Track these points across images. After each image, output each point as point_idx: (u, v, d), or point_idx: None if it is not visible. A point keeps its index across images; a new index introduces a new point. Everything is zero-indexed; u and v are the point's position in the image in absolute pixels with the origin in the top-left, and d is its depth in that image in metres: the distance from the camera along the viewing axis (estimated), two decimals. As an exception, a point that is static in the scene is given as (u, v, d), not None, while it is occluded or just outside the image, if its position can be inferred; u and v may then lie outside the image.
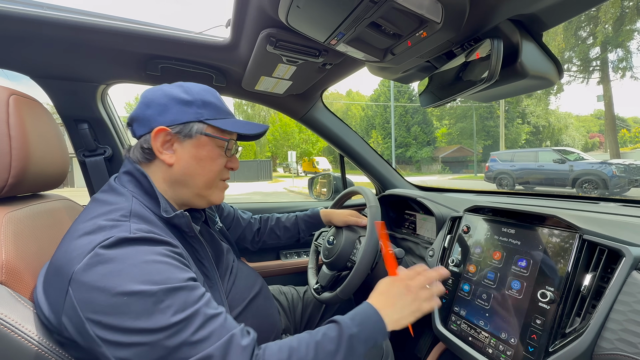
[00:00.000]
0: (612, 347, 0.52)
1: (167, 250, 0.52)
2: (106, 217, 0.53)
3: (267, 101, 1.29)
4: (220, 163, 0.67)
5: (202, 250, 0.66)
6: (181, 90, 0.64)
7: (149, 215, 0.57)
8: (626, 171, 8.48)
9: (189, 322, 0.46)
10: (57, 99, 1.06)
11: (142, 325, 0.44)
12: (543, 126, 26.84)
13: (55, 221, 0.71)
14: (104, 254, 0.46)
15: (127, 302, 0.44)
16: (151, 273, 0.47)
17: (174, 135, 0.62)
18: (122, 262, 0.46)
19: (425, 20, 0.57)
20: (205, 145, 0.64)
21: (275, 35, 0.76)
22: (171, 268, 0.49)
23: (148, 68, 0.98)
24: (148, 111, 0.62)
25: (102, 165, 1.15)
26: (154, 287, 0.45)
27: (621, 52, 15.02)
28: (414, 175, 25.73)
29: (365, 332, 0.55)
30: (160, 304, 0.45)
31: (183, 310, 0.46)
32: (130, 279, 0.45)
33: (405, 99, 29.96)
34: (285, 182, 19.03)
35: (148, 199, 0.61)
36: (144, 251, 0.49)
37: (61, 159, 0.75)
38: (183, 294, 0.48)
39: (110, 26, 0.82)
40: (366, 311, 0.59)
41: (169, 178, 0.64)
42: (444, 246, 0.93)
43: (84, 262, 0.46)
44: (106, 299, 0.44)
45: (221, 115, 0.66)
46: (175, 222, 0.60)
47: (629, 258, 0.55)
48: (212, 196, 0.69)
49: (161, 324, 0.44)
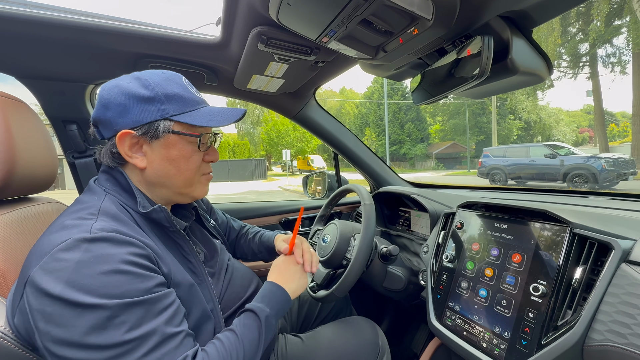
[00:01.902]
0: (603, 339, 0.53)
1: (130, 255, 0.48)
2: (73, 215, 0.52)
3: (259, 100, 1.28)
4: (196, 160, 0.63)
5: (187, 246, 0.64)
6: (139, 85, 0.57)
7: (118, 213, 0.55)
8: (615, 165, 8.65)
9: (142, 340, 0.44)
10: (44, 99, 1.04)
11: (93, 341, 0.42)
12: (534, 122, 27.19)
13: (44, 225, 0.69)
14: (60, 259, 0.44)
15: (80, 314, 0.42)
16: (107, 286, 0.44)
17: (141, 137, 0.57)
18: (77, 271, 0.43)
19: (416, 17, 0.57)
20: (175, 144, 0.59)
21: (266, 33, 0.75)
22: (131, 279, 0.46)
23: (138, 67, 0.96)
24: (108, 113, 0.57)
25: (93, 167, 1.13)
26: (110, 301, 0.43)
27: (610, 48, 15.28)
28: (408, 171, 25.87)
29: (275, 307, 0.65)
30: (114, 319, 0.43)
31: (138, 327, 0.44)
32: (85, 291, 0.43)
33: (399, 96, 30.04)
34: (280, 181, 18.99)
35: (126, 195, 0.59)
36: (103, 258, 0.45)
37: (49, 161, 0.74)
38: (141, 309, 0.46)
39: (98, 25, 0.80)
40: (271, 289, 0.68)
41: (144, 180, 0.61)
42: (438, 242, 0.94)
43: (40, 264, 0.44)
44: (58, 308, 0.42)
45: (189, 107, 0.60)
46: (153, 217, 0.59)
47: (618, 251, 0.56)
48: (194, 192, 0.66)
49: (113, 341, 0.42)
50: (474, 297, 0.76)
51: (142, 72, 0.60)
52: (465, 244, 0.85)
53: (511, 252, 0.73)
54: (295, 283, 0.73)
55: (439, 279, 0.87)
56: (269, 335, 0.61)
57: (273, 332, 0.63)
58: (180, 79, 0.62)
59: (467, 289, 0.79)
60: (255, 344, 0.58)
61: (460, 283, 0.81)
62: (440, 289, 0.85)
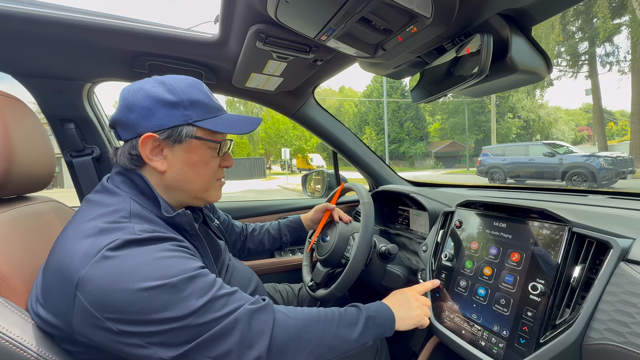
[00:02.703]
0: (601, 337, 0.53)
1: (175, 245, 0.52)
2: (105, 219, 0.51)
3: (258, 98, 1.28)
4: (214, 165, 0.65)
5: (202, 249, 0.66)
6: (165, 90, 0.58)
7: (148, 215, 0.56)
8: (613, 163, 8.67)
9: (212, 302, 0.49)
10: (41, 98, 1.04)
11: (171, 315, 0.45)
12: (533, 120, 27.20)
13: (43, 224, 0.69)
14: (112, 256, 0.46)
15: (149, 297, 0.45)
16: (166, 268, 0.47)
17: (163, 141, 0.58)
18: (133, 261, 0.46)
19: (415, 15, 0.56)
20: (197, 149, 0.61)
21: (265, 31, 0.75)
22: (183, 260, 0.51)
23: (135, 65, 0.96)
24: (131, 115, 0.57)
25: (91, 166, 1.13)
26: (173, 279, 0.47)
27: (609, 47, 15.29)
28: (407, 170, 25.88)
29: (379, 318, 0.65)
30: (182, 293, 0.47)
31: (205, 294, 0.49)
32: (146, 277, 0.46)
33: (398, 95, 29.99)
34: (279, 180, 18.98)
35: (145, 199, 0.59)
36: (152, 250, 0.49)
37: (47, 160, 0.73)
38: (200, 280, 0.50)
39: (95, 23, 0.80)
40: (380, 305, 0.69)
41: (162, 184, 0.62)
42: (437, 241, 0.94)
43: (91, 265, 0.45)
44: (125, 297, 0.44)
45: (211, 113, 0.62)
46: (177, 222, 0.60)
47: (617, 250, 0.56)
48: (209, 197, 0.68)
49: (188, 310, 0.46)
50: (473, 296, 0.76)
51: (165, 77, 0.61)
52: (464, 243, 0.85)
53: (510, 251, 0.73)
54: (404, 309, 0.72)
55: (437, 277, 0.87)
56: (365, 336, 0.61)
57: (371, 336, 0.63)
58: (201, 85, 0.63)
59: (466, 288, 0.79)
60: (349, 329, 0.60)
61: (459, 282, 0.81)
62: (439, 287, 0.85)
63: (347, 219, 1.00)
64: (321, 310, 0.61)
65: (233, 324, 0.49)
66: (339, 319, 0.60)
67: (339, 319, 0.60)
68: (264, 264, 1.41)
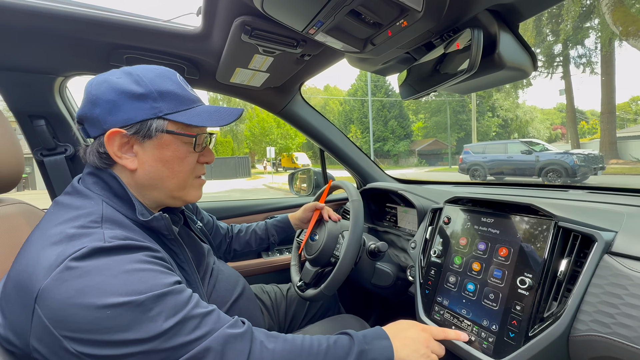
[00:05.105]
0: (587, 329, 0.54)
1: (148, 256, 0.47)
2: (73, 223, 0.47)
3: (243, 95, 1.24)
4: (191, 161, 0.60)
5: (182, 254, 0.61)
6: (131, 81, 0.54)
7: (123, 220, 0.52)
8: (585, 160, 9.14)
9: (183, 324, 0.44)
10: (7, 92, 0.96)
11: (134, 337, 0.41)
12: (511, 119, 28.20)
13: (10, 227, 0.64)
14: (76, 267, 0.41)
15: (112, 315, 0.40)
16: (134, 283, 0.43)
17: (132, 137, 0.54)
18: (99, 274, 0.42)
19: (406, 9, 0.56)
20: (169, 145, 0.56)
21: (251, 23, 0.72)
22: (155, 274, 0.46)
23: (112, 59, 0.91)
24: (96, 110, 0.53)
25: (64, 165, 1.06)
26: (140, 296, 0.42)
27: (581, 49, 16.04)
28: (392, 168, 26.24)
29: (374, 352, 0.54)
30: (149, 312, 0.42)
31: (175, 314, 0.44)
32: (111, 292, 0.41)
33: (382, 94, 30.33)
34: (264, 179, 18.80)
35: (119, 202, 0.55)
36: (122, 260, 0.44)
37: (14, 159, 0.68)
38: (172, 298, 0.45)
39: (68, 12, 0.74)
40: (378, 334, 0.58)
41: (134, 183, 0.57)
42: (426, 238, 0.94)
43: (52, 276, 0.40)
44: (86, 314, 0.40)
45: (184, 105, 0.57)
46: (153, 226, 0.55)
47: (601, 242, 0.57)
48: (187, 196, 0.63)
49: (155, 332, 0.42)
50: (462, 292, 0.77)
51: (133, 67, 0.57)
52: (452, 239, 0.85)
53: (498, 246, 0.74)
54: (407, 351, 0.57)
55: (427, 274, 0.87)
56: None
57: None
58: (174, 75, 0.59)
59: (455, 284, 0.79)
60: None
61: (448, 278, 0.81)
62: (428, 284, 0.85)
63: (336, 218, 0.99)
64: (306, 340, 0.52)
65: (203, 353, 0.43)
66: (326, 353, 0.51)
67: (325, 353, 0.51)
68: (251, 265, 1.38)
